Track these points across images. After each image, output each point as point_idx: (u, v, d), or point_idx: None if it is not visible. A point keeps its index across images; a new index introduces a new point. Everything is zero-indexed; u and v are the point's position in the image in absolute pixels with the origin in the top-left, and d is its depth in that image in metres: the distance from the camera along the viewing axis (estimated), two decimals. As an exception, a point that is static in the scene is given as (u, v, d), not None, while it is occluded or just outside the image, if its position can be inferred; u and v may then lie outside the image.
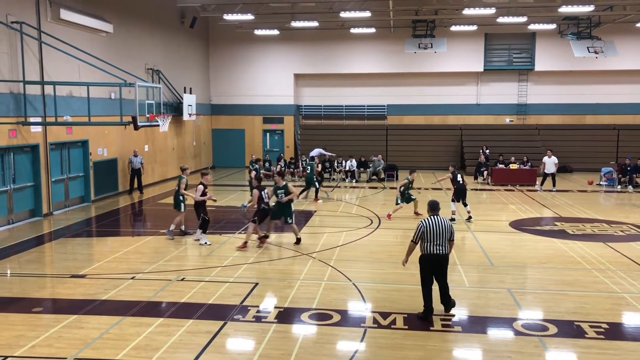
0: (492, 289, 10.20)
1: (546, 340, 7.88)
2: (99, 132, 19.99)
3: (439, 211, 8.76)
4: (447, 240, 8.53)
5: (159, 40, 25.35)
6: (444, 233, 8.45)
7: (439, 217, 8.60)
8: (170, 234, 14.11)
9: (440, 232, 8.43)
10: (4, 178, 15.82)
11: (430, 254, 8.47)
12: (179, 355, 7.36)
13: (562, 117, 31.90)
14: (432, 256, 8.47)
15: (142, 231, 14.68)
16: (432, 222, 8.49)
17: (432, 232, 8.42)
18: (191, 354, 7.38)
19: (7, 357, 7.29)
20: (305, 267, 11.59)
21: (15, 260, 12.36)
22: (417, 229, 8.53)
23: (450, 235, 8.54)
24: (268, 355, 7.39)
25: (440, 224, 8.47)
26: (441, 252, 8.46)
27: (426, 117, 32.65)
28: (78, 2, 18.77)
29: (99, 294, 9.79)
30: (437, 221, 8.50)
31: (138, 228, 15.82)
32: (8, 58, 15.56)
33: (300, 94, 33.61)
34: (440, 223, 8.49)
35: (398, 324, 8.43)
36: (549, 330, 8.21)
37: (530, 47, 31.37)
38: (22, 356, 7.33)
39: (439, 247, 8.44)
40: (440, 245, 8.44)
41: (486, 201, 21.01)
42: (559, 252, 12.88)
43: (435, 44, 27.56)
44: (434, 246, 8.44)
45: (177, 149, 27.33)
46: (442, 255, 8.48)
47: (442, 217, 8.65)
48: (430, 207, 8.78)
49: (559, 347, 7.70)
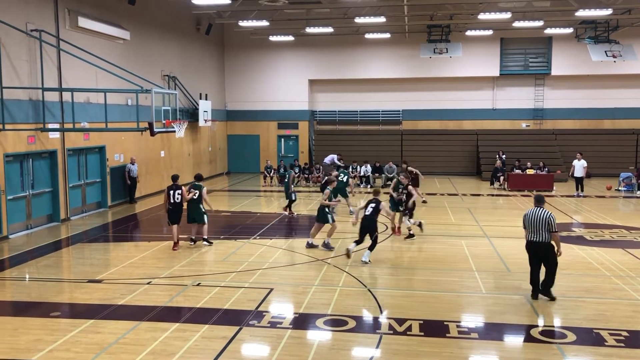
0: (509, 295, 10.10)
1: (565, 347, 7.77)
2: (116, 138, 20.18)
3: (543, 204, 9.84)
4: (546, 231, 9.52)
5: (175, 47, 25.58)
6: (540, 224, 9.54)
7: (539, 209, 9.66)
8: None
9: (536, 222, 9.56)
10: (22, 184, 16.02)
11: (528, 241, 9.78)
12: (194, 361, 7.37)
13: (579, 122, 31.54)
14: (529, 243, 9.75)
15: (158, 236, 14.76)
16: (531, 212, 9.70)
17: (530, 221, 9.65)
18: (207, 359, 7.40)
19: (26, 361, 7.37)
20: (320, 272, 11.57)
21: (34, 265, 12.50)
22: (523, 218, 9.87)
23: (547, 226, 9.50)
24: (283, 361, 7.38)
25: (536, 215, 9.59)
26: (537, 239, 9.60)
27: (441, 122, 32.49)
28: (96, 10, 19.02)
29: (116, 299, 9.86)
30: (536, 213, 9.62)
31: (154, 233, 15.91)
32: (27, 65, 15.79)
33: (314, 99, 33.66)
34: (537, 214, 9.59)
35: (414, 331, 8.37)
36: (567, 338, 8.10)
37: (547, 52, 31.11)
38: (40, 360, 7.40)
39: (536, 235, 9.60)
40: (536, 234, 9.58)
41: (503, 207, 20.84)
42: (577, 258, 12.72)
43: (450, 48, 27.46)
44: (531, 234, 9.66)
45: (193, 154, 27.50)
46: (537, 243, 9.62)
47: (542, 210, 9.63)
48: (536, 200, 9.92)
49: (578, 354, 7.59)
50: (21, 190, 15.94)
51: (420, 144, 31.59)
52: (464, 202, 21.44)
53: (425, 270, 11.85)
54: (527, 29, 28.28)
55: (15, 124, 15.27)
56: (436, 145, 31.54)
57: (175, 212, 13.63)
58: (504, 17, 24.39)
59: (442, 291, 10.37)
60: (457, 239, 14.81)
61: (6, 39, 14.84)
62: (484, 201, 22.06)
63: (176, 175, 14.17)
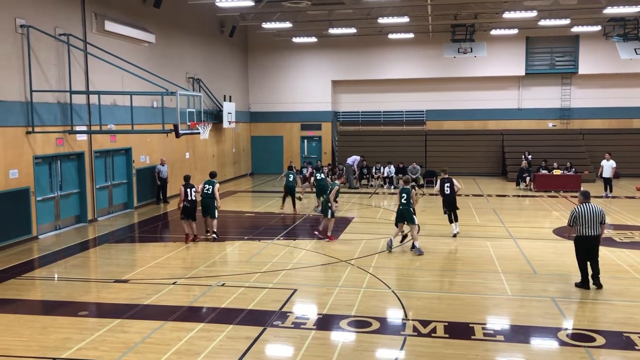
0: (536, 297, 9.95)
1: (593, 351, 7.62)
2: (142, 140, 20.45)
3: (590, 199, 10.31)
4: (599, 224, 10.06)
5: (199, 49, 25.81)
6: (596, 218, 10.05)
7: (590, 204, 10.15)
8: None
9: (592, 216, 10.04)
10: (51, 185, 16.34)
11: (583, 236, 10.11)
12: (219, 361, 7.42)
13: (607, 121, 30.95)
14: (585, 237, 10.10)
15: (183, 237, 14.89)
16: (585, 208, 10.08)
17: (586, 217, 10.04)
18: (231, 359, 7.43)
19: (56, 359, 7.49)
20: (344, 273, 11.55)
21: (62, 265, 12.73)
22: (571, 214, 10.24)
23: (601, 219, 10.09)
24: (307, 361, 7.39)
25: (592, 210, 10.07)
26: (592, 233, 10.07)
27: (466, 122, 32.19)
28: (121, 13, 19.30)
29: (142, 299, 9.98)
30: (590, 208, 10.09)
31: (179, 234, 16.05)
32: (56, 69, 16.10)
33: (337, 100, 33.64)
34: (593, 209, 10.08)
35: (438, 333, 8.30)
36: (595, 341, 7.95)
37: (574, 50, 30.61)
38: (69, 358, 7.52)
39: (592, 229, 10.05)
40: (592, 228, 10.05)
41: (529, 208, 20.56)
42: (606, 260, 12.44)
43: (474, 48, 27.21)
44: (587, 229, 10.05)
45: (217, 156, 27.71)
46: (592, 237, 10.09)
47: (593, 204, 10.14)
48: (584, 196, 10.33)
49: (607, 358, 7.44)
50: (50, 191, 16.26)
51: (445, 144, 31.34)
52: (490, 203, 21.20)
53: (449, 272, 11.74)
54: (553, 27, 27.86)
55: (44, 126, 15.58)
56: (461, 146, 31.25)
57: (192, 209, 14.48)
58: (530, 16, 24.08)
59: (467, 293, 10.27)
60: (482, 240, 14.66)
61: (36, 44, 15.16)
62: (510, 202, 21.79)
63: (188, 176, 15.26)
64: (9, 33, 14.33)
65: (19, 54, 14.63)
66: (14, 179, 14.45)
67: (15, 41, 14.54)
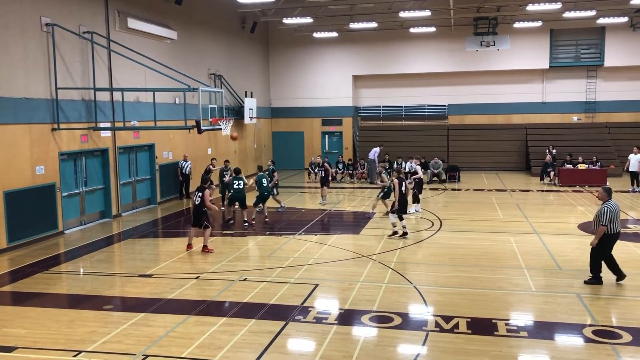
0: (560, 293, 9.82)
1: (619, 348, 7.50)
2: (165, 136, 20.65)
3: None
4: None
5: (221, 45, 25.94)
6: (619, 213, 10.16)
7: (613, 201, 10.17)
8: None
9: (618, 213, 10.07)
10: (76, 181, 16.60)
11: (616, 233, 10.05)
12: (241, 355, 7.48)
13: (634, 115, 30.32)
14: (617, 234, 10.10)
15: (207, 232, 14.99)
16: (615, 206, 10.06)
17: (617, 214, 10.01)
18: (254, 354, 7.48)
19: (82, 352, 7.63)
20: (366, 269, 11.54)
21: (88, 260, 12.94)
22: (607, 213, 9.94)
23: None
24: (329, 356, 7.40)
25: (617, 206, 10.09)
26: (620, 229, 10.18)
27: (489, 116, 31.84)
28: (144, 11, 19.48)
29: (165, 293, 10.10)
30: (616, 204, 10.09)
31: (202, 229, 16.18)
32: (80, 67, 16.33)
33: (358, 95, 33.54)
34: (617, 205, 10.12)
35: (461, 328, 8.25)
36: (622, 338, 7.81)
37: (600, 42, 30.02)
38: (95, 351, 7.65)
39: (619, 225, 10.12)
40: (619, 224, 10.10)
41: (553, 203, 20.27)
42: (632, 255, 12.24)
43: (497, 41, 26.88)
44: (618, 225, 10.06)
45: (239, 151, 27.85)
46: (619, 232, 10.17)
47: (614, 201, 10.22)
48: (608, 192, 10.22)
49: (634, 356, 7.31)
50: (75, 187, 16.52)
51: (468, 138, 31.05)
52: (513, 198, 20.96)
53: (472, 267, 11.65)
54: (578, 19, 27.36)
55: (69, 123, 15.82)
56: (484, 140, 30.94)
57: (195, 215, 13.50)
58: (554, 8, 23.68)
59: (490, 289, 10.18)
60: (505, 235, 14.50)
61: (61, 42, 15.38)
62: (534, 197, 21.51)
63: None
64: (35, 32, 14.57)
65: (44, 52, 14.87)
66: (40, 175, 14.72)
67: (41, 40, 14.77)
